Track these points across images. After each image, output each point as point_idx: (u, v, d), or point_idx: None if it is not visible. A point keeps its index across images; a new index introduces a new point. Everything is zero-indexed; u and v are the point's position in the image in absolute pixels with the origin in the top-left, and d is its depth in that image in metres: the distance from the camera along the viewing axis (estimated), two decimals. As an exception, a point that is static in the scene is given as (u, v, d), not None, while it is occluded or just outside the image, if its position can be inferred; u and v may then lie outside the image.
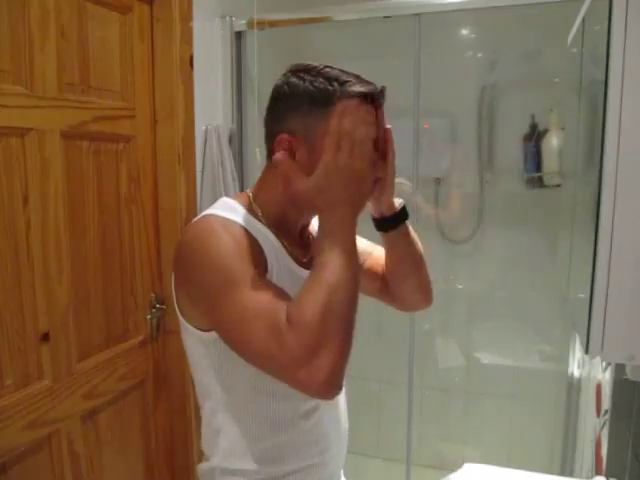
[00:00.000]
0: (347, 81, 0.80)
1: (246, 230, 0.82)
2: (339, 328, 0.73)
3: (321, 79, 0.80)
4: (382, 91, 0.83)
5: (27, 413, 1.27)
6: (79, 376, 1.42)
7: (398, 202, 0.94)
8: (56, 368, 1.35)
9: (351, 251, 0.78)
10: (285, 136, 0.82)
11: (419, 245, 0.99)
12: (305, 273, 0.87)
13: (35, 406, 1.29)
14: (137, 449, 1.67)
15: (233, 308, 0.75)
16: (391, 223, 0.94)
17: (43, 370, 1.31)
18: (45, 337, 1.31)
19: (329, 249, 0.76)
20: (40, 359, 1.31)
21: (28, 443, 1.28)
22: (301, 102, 0.81)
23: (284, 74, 0.85)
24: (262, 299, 0.75)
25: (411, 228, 0.97)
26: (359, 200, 0.81)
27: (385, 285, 1.02)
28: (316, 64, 0.83)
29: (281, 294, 0.77)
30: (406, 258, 0.98)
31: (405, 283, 1.01)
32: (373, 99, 0.82)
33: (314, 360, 0.70)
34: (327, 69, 0.82)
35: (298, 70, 0.83)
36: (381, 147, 0.86)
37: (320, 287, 0.73)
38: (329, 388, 0.72)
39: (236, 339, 0.77)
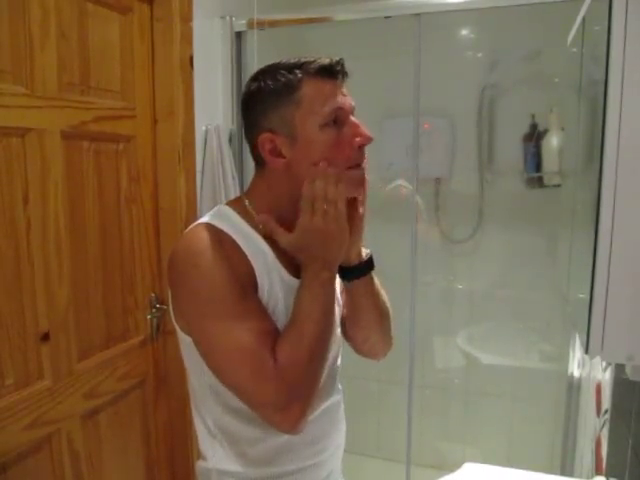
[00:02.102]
0: (304, 62, 0.81)
1: (238, 245, 0.83)
2: (314, 380, 0.79)
3: (282, 71, 0.82)
4: (339, 62, 0.83)
5: (27, 413, 1.27)
6: (79, 376, 1.42)
7: (365, 252, 0.93)
8: (56, 368, 1.35)
9: (329, 306, 0.82)
10: (266, 135, 0.83)
11: (383, 297, 0.98)
12: (299, 284, 0.88)
13: (35, 406, 1.29)
14: (137, 449, 1.67)
15: (217, 337, 0.77)
16: (355, 273, 0.92)
17: (43, 370, 1.32)
18: (45, 337, 1.31)
19: (310, 303, 0.80)
20: (40, 359, 1.31)
21: (28, 443, 1.28)
22: (268, 100, 0.82)
23: (245, 85, 0.87)
24: (249, 333, 0.77)
25: (376, 280, 0.96)
26: (335, 257, 0.84)
27: (343, 326, 1.00)
28: (274, 62, 0.84)
29: (267, 327, 0.80)
30: (367, 309, 0.96)
31: (361, 331, 0.99)
32: (333, 72, 0.82)
33: (290, 406, 0.76)
34: (284, 60, 0.83)
35: (256, 75, 0.85)
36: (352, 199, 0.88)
37: (302, 343, 0.78)
38: (296, 429, 0.78)
39: (216, 368, 0.80)
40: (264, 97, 0.83)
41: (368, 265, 0.94)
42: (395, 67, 1.91)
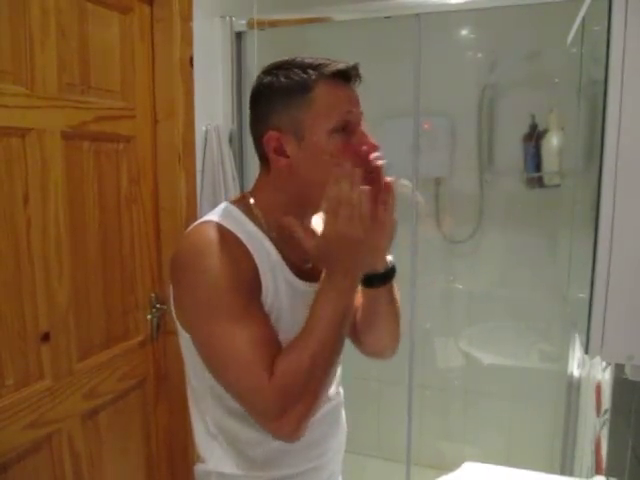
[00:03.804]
0: (320, 64, 0.81)
1: (242, 243, 0.82)
2: (316, 390, 0.76)
3: (295, 69, 0.81)
4: (355, 67, 0.83)
5: (27, 413, 1.27)
6: (79, 376, 1.42)
7: (388, 259, 0.90)
8: (56, 368, 1.35)
9: (343, 317, 0.78)
10: (273, 133, 0.82)
11: (398, 303, 0.95)
12: (303, 286, 0.87)
13: (35, 406, 1.29)
14: (137, 449, 1.67)
15: (216, 341, 0.76)
16: (381, 280, 0.89)
17: (43, 370, 1.32)
18: (45, 337, 1.31)
19: (324, 311, 0.77)
20: (40, 359, 1.31)
21: (28, 443, 1.28)
22: (280, 97, 0.81)
23: (257, 77, 0.85)
24: (248, 341, 0.75)
25: (395, 286, 0.93)
26: (360, 265, 0.80)
27: (354, 327, 0.98)
28: (287, 58, 0.83)
29: (267, 336, 0.78)
30: (385, 315, 0.94)
31: (374, 335, 0.97)
32: (348, 76, 0.82)
33: (285, 415, 0.73)
34: (298, 59, 0.82)
35: (270, 69, 0.84)
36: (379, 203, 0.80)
37: (306, 352, 0.75)
38: (293, 438, 0.76)
39: (213, 371, 0.80)
40: (275, 93, 0.81)
41: (392, 272, 0.90)
42: (395, 67, 1.91)
